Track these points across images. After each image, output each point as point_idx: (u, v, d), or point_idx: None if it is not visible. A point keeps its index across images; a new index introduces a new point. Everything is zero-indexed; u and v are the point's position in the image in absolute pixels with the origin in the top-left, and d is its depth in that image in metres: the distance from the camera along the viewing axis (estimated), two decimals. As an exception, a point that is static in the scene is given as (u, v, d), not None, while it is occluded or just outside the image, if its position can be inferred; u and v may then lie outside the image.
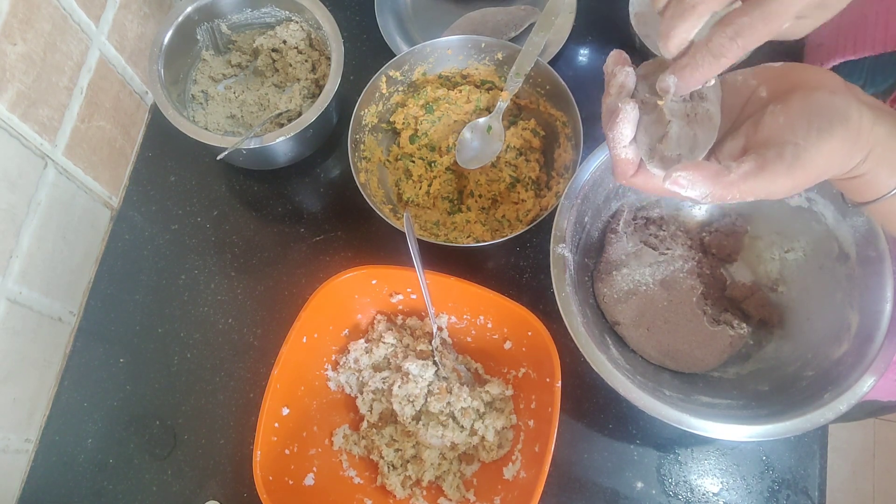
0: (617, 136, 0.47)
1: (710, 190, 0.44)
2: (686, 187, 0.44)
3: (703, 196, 0.44)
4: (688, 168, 0.44)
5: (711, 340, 0.73)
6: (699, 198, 0.44)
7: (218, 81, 0.89)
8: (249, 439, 0.67)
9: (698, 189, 0.44)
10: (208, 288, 0.84)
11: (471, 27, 0.92)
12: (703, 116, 0.47)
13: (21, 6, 0.67)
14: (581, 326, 0.64)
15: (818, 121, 0.43)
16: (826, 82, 0.45)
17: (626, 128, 0.47)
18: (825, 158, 0.43)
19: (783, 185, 0.44)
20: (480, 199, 0.84)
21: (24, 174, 0.71)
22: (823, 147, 0.43)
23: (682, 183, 0.44)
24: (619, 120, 0.47)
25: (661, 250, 0.77)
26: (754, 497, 0.73)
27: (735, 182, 0.44)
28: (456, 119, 0.87)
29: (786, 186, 0.44)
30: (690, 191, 0.44)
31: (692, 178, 0.43)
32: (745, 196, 0.44)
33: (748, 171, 0.44)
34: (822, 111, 0.43)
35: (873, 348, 0.62)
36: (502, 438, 0.72)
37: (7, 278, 0.71)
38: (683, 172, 0.44)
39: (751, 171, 0.44)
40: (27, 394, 0.76)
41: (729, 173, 0.44)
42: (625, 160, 0.49)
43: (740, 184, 0.44)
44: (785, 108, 0.45)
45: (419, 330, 0.77)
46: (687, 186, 0.44)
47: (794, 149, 0.43)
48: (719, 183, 0.43)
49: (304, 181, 0.89)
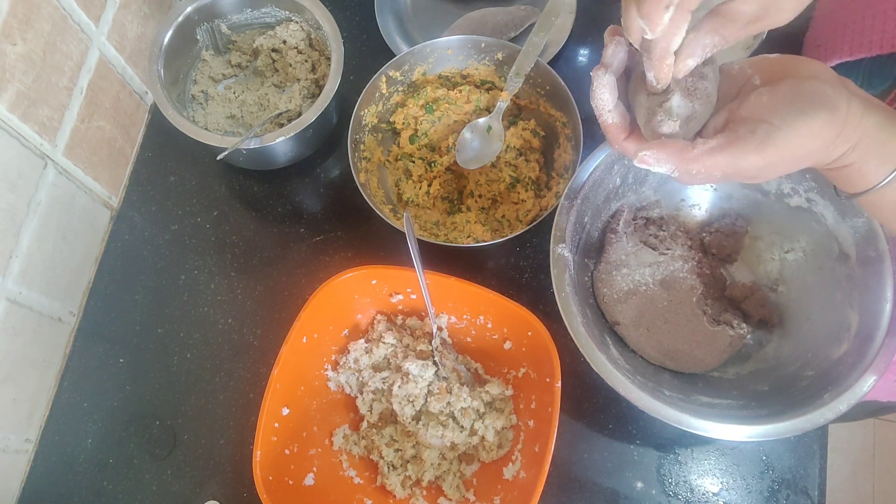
0: (598, 102, 0.50)
1: (675, 165, 0.46)
2: (653, 165, 0.46)
3: (670, 171, 0.46)
4: (653, 147, 0.46)
5: (711, 340, 0.73)
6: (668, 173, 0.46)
7: (218, 81, 0.89)
8: (249, 439, 0.67)
9: (664, 166, 0.46)
10: (208, 288, 0.84)
11: (471, 27, 0.92)
12: (702, 93, 0.48)
13: (21, 6, 0.67)
14: (581, 326, 0.64)
15: (801, 103, 0.44)
16: (819, 73, 0.45)
17: (604, 93, 0.49)
18: (801, 140, 0.43)
19: (752, 162, 0.44)
20: (480, 199, 0.84)
21: (23, 174, 0.71)
22: (801, 128, 0.43)
23: (649, 161, 0.46)
24: (596, 87, 0.49)
25: (661, 250, 0.77)
26: (754, 497, 0.73)
27: (699, 157, 0.45)
28: (456, 119, 0.87)
29: (755, 164, 0.44)
30: (658, 167, 0.46)
31: (657, 155, 0.46)
32: (710, 170, 0.45)
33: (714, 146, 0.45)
34: (808, 96, 0.44)
35: (873, 348, 0.62)
36: (502, 438, 0.72)
37: (7, 278, 0.71)
38: (649, 151, 0.46)
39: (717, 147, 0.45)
40: (27, 394, 0.76)
41: (693, 149, 0.45)
42: (612, 125, 0.51)
43: (705, 158, 0.45)
44: (772, 90, 0.45)
45: (419, 330, 0.77)
46: (654, 164, 0.46)
47: (769, 127, 0.44)
48: (683, 158, 0.45)
49: (304, 181, 0.89)
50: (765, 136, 0.44)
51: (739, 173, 0.45)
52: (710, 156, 0.45)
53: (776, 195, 0.73)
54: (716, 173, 0.45)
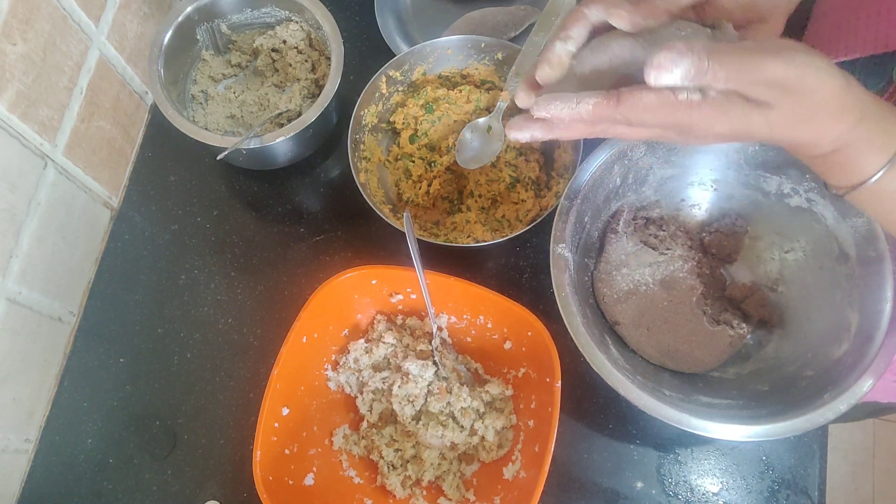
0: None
1: (690, 63, 0.41)
2: (668, 67, 0.41)
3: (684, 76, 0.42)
4: (665, 48, 0.41)
5: (711, 340, 0.73)
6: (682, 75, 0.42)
7: (218, 81, 0.89)
8: (249, 439, 0.67)
9: (679, 67, 0.41)
10: (208, 288, 0.84)
11: (471, 27, 0.92)
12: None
13: (21, 6, 0.67)
14: (581, 326, 0.64)
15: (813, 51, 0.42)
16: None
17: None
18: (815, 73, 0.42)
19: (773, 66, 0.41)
20: (480, 199, 0.84)
21: (23, 174, 0.71)
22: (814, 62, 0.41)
23: (665, 64, 0.41)
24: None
25: (661, 250, 0.77)
26: (754, 497, 0.73)
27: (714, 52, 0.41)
28: (456, 119, 0.87)
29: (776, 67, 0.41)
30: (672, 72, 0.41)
31: (671, 56, 0.41)
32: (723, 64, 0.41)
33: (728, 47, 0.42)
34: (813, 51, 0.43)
35: (873, 348, 0.62)
36: (502, 438, 0.72)
37: (7, 278, 0.71)
38: (664, 52, 0.41)
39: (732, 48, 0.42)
40: (27, 394, 0.76)
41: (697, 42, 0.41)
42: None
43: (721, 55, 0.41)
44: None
45: (419, 330, 0.77)
46: (669, 66, 0.41)
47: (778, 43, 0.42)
48: (698, 54, 0.41)
49: (304, 181, 0.89)
50: (779, 48, 0.41)
51: (752, 76, 0.41)
52: (720, 52, 0.41)
53: (776, 195, 0.73)
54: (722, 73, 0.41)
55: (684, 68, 0.41)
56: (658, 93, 0.43)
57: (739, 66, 0.41)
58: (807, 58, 0.42)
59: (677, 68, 0.41)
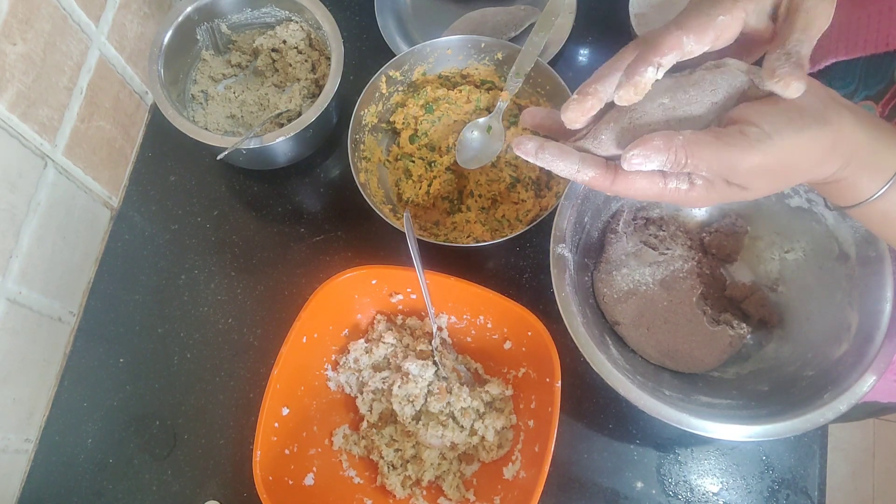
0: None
1: (665, 156, 0.43)
2: (642, 164, 0.43)
3: (661, 164, 0.43)
4: (636, 144, 0.43)
5: (711, 340, 0.73)
6: (659, 167, 0.44)
7: (218, 81, 0.89)
8: (249, 439, 0.67)
9: (655, 160, 0.43)
10: (208, 288, 0.84)
11: (471, 27, 0.92)
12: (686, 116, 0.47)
13: (21, 6, 0.67)
14: (581, 326, 0.64)
15: (791, 114, 0.43)
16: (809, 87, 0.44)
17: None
18: (792, 153, 0.43)
19: (744, 161, 0.43)
20: (480, 199, 0.84)
21: (23, 174, 0.71)
22: (792, 139, 0.43)
23: (636, 160, 0.43)
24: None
25: (661, 250, 0.77)
26: (754, 497, 0.73)
27: (687, 143, 0.43)
28: (456, 119, 0.87)
29: (747, 163, 0.43)
30: (648, 165, 0.43)
31: (644, 152, 0.43)
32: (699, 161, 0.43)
33: (703, 137, 0.43)
34: (798, 109, 0.43)
35: (873, 348, 0.62)
36: (502, 438, 0.72)
37: (7, 278, 0.71)
38: (634, 150, 0.43)
39: (706, 139, 0.43)
40: (27, 394, 0.76)
41: (678, 135, 0.43)
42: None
43: (694, 147, 0.43)
44: (762, 100, 0.45)
45: (419, 330, 0.77)
46: (643, 163, 0.43)
47: (759, 132, 0.43)
48: (671, 146, 0.43)
49: (304, 181, 0.89)
50: (756, 140, 0.43)
51: (730, 170, 0.44)
52: (699, 145, 0.43)
53: (776, 195, 0.73)
54: (713, 164, 0.43)
55: (660, 162, 0.43)
56: (650, 179, 0.46)
57: (717, 161, 0.43)
58: (787, 138, 0.43)
59: (652, 163, 0.43)
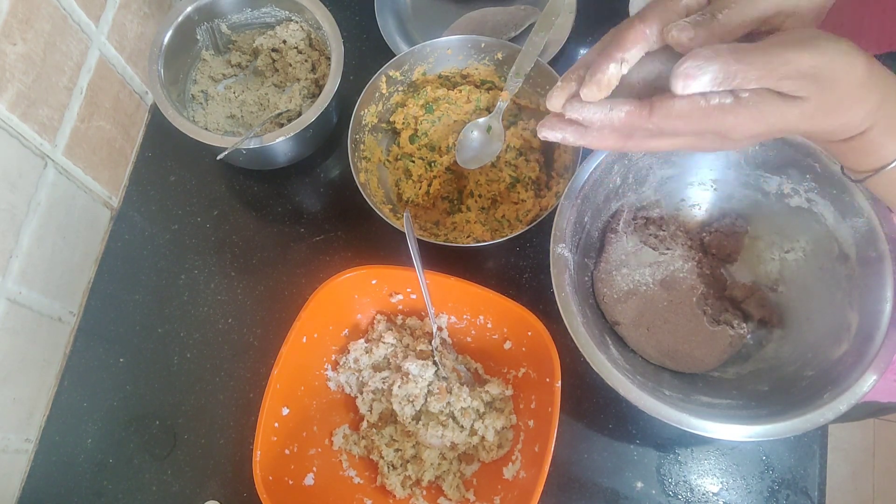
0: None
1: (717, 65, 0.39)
2: (696, 74, 0.40)
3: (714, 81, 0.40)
4: (687, 58, 0.40)
5: (711, 340, 0.73)
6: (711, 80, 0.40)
7: (218, 81, 0.89)
8: (249, 439, 0.67)
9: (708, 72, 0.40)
10: (208, 288, 0.84)
11: (471, 27, 0.92)
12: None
13: (21, 6, 0.67)
14: (581, 326, 0.64)
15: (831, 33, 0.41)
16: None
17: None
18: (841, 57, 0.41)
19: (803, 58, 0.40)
20: (480, 199, 0.84)
21: (24, 174, 0.71)
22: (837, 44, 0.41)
23: (692, 71, 0.40)
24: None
25: (661, 250, 0.77)
26: (754, 497, 0.73)
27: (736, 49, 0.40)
28: (456, 119, 0.87)
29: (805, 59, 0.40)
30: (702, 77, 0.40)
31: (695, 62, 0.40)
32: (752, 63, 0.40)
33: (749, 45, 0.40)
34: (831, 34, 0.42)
35: (873, 348, 0.62)
36: (502, 438, 0.72)
37: (7, 278, 0.71)
38: (686, 62, 0.40)
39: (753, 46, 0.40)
40: (27, 394, 0.76)
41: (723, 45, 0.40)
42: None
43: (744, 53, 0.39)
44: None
45: (419, 330, 0.77)
46: (697, 73, 0.40)
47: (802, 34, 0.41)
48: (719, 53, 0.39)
49: (304, 181, 0.89)
50: (804, 39, 0.40)
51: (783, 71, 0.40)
52: (746, 51, 0.39)
53: (776, 195, 0.73)
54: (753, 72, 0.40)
55: (712, 74, 0.40)
56: (690, 99, 0.42)
57: (768, 63, 0.40)
58: (832, 43, 0.41)
59: (704, 75, 0.40)
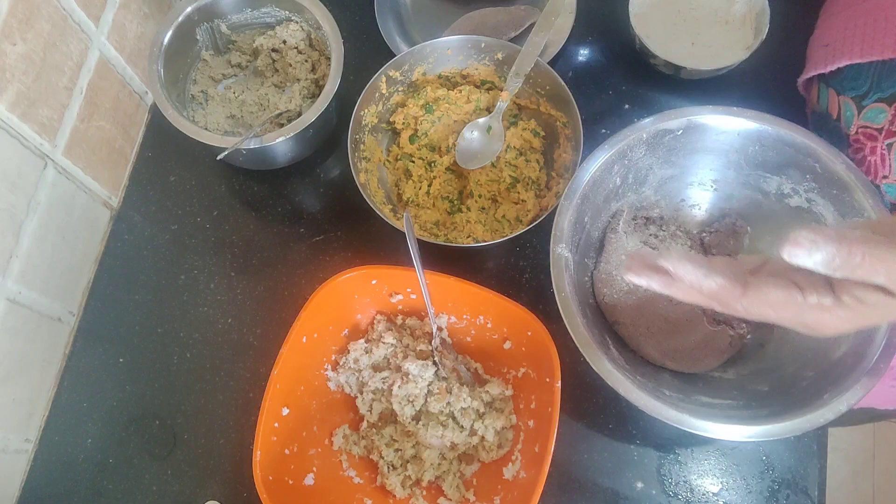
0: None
1: (835, 248, 0.37)
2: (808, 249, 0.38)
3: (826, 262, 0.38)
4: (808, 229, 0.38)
5: (711, 340, 0.73)
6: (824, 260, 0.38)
7: (218, 81, 0.89)
8: (249, 439, 0.67)
9: (822, 251, 0.37)
10: (208, 288, 0.84)
11: (471, 27, 0.92)
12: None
13: (21, 6, 0.67)
14: (581, 326, 0.64)
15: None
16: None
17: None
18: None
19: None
20: (480, 199, 0.84)
21: (23, 174, 0.71)
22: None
23: (804, 243, 0.38)
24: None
25: (662, 250, 0.77)
26: (754, 497, 0.73)
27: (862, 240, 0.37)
28: (456, 119, 0.87)
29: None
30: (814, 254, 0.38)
31: (813, 237, 0.38)
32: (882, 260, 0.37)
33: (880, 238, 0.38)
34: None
35: (873, 348, 0.62)
36: (502, 438, 0.72)
37: (6, 278, 0.71)
38: (805, 232, 0.38)
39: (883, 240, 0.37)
40: (27, 394, 0.76)
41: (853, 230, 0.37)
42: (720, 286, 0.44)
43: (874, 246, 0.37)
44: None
45: (419, 330, 0.77)
46: (809, 249, 0.38)
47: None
48: (844, 240, 0.37)
49: (304, 181, 0.89)
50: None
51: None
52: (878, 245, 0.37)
53: (776, 195, 0.73)
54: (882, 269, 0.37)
55: (828, 255, 0.37)
56: (786, 291, 0.40)
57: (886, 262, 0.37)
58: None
59: (818, 253, 0.37)
